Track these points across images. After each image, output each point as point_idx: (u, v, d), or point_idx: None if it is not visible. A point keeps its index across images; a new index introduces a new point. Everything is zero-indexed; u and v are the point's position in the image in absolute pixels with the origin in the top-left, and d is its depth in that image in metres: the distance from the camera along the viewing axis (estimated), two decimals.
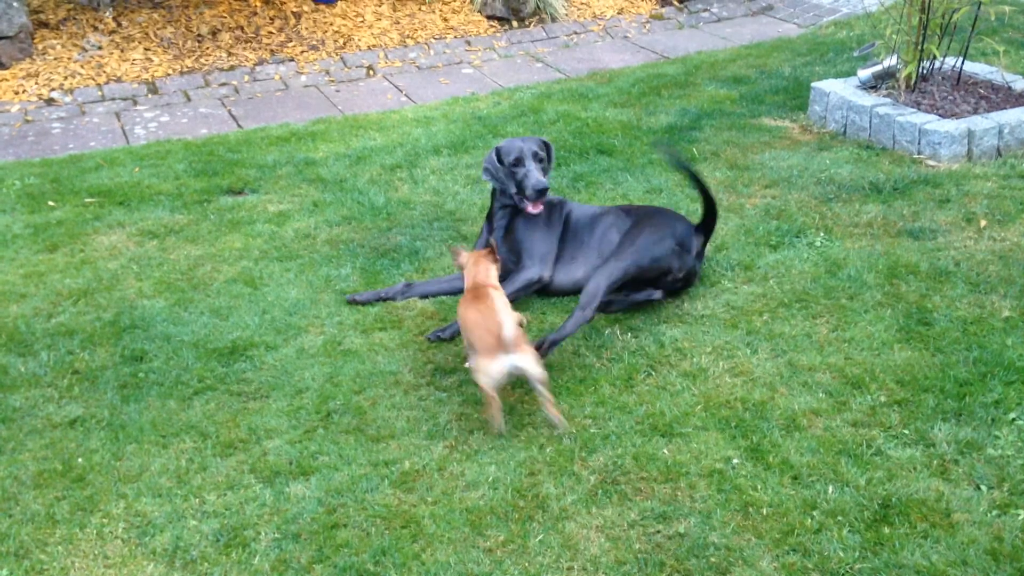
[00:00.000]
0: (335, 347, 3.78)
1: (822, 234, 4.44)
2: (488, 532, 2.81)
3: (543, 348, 3.49)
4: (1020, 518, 2.76)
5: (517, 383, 3.37)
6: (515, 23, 8.49)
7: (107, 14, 8.01)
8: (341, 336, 3.85)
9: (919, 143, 5.23)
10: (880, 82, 5.73)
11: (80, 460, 3.19)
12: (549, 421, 3.20)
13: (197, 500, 3.00)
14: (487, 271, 3.51)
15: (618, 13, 8.80)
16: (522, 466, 3.07)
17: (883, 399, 3.30)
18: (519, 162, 4.09)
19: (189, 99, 7.02)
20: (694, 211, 4.73)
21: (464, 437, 3.23)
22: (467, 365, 3.39)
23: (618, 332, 3.78)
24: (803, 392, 3.36)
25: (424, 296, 4.11)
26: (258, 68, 7.50)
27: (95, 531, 2.89)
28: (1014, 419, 3.15)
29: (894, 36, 5.68)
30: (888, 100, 5.53)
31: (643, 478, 3.00)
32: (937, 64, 5.71)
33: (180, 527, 2.89)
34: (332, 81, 7.37)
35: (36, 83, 7.07)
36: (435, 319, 3.95)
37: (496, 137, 5.87)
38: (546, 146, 4.25)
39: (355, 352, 3.74)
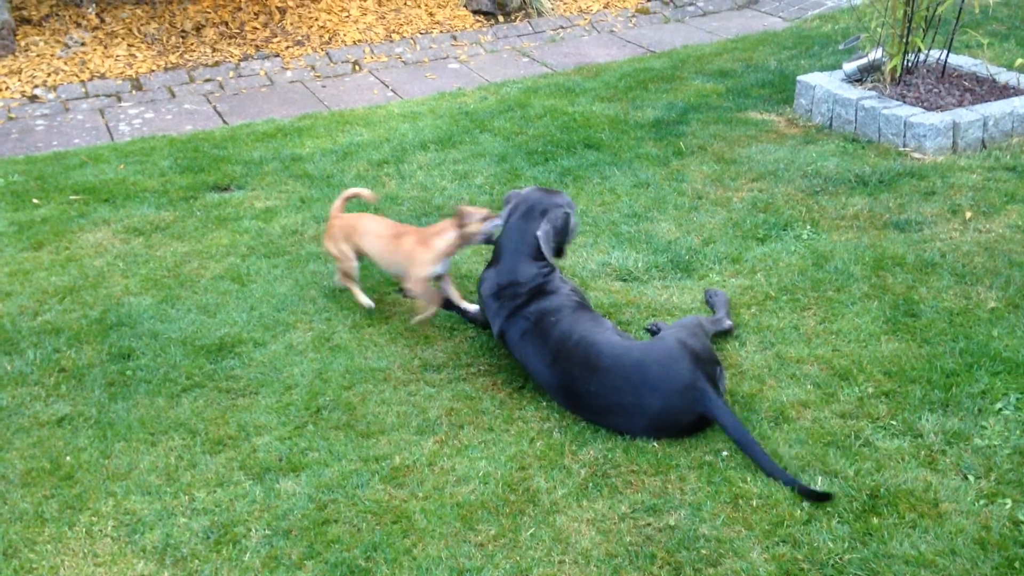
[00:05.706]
0: (324, 343, 3.77)
1: (809, 227, 4.46)
2: (479, 526, 2.82)
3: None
4: (1007, 507, 2.78)
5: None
6: (501, 18, 8.48)
7: (90, 10, 7.95)
8: (330, 332, 3.84)
9: (904, 136, 5.25)
10: (865, 75, 5.75)
11: (68, 458, 3.17)
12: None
13: (187, 497, 2.98)
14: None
15: (604, 7, 8.80)
16: (512, 460, 3.07)
17: (871, 390, 3.32)
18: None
19: (174, 95, 6.98)
20: (682, 204, 4.74)
21: (454, 432, 3.23)
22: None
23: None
24: (791, 384, 3.38)
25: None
26: (243, 64, 7.46)
27: (84, 529, 2.88)
28: (1000, 409, 3.17)
29: (879, 29, 5.70)
30: (873, 93, 5.55)
31: (633, 471, 3.00)
32: (922, 57, 5.74)
33: (170, 525, 2.88)
34: (318, 76, 7.34)
35: (19, 80, 7.01)
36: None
37: (483, 132, 5.86)
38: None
39: (344, 347, 3.73)
